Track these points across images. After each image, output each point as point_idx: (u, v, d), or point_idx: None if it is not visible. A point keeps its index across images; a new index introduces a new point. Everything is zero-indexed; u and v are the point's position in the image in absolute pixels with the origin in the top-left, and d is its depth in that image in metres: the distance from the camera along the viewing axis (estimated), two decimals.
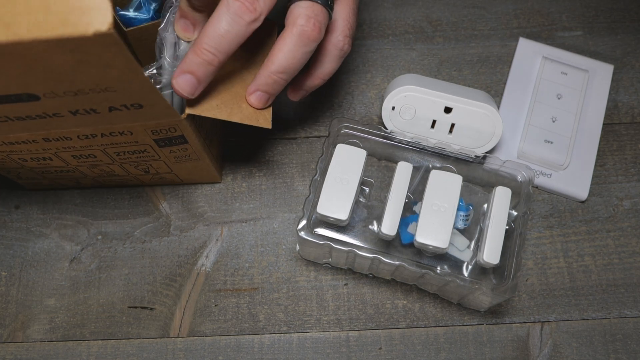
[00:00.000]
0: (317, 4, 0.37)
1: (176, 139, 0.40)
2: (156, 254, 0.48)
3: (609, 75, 0.52)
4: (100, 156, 0.42)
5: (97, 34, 0.24)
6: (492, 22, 0.55)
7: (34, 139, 0.38)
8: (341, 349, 0.45)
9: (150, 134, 0.39)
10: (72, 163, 0.43)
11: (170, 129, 0.39)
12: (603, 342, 0.45)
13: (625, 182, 0.50)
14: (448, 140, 0.47)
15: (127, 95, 0.32)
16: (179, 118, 0.37)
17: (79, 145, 0.40)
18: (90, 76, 0.29)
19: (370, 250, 0.42)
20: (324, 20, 0.38)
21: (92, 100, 0.32)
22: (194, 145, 0.42)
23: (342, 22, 0.41)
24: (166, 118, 0.37)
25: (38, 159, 0.42)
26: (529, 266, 0.47)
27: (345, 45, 0.41)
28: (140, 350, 0.45)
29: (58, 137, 0.38)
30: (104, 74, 0.29)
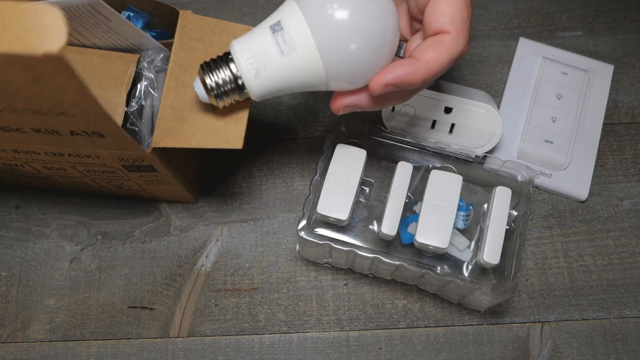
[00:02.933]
0: None
1: (144, 167, 0.39)
2: (156, 254, 0.48)
3: (609, 75, 0.52)
4: (71, 171, 0.41)
5: (47, 54, 0.23)
6: (492, 22, 0.55)
7: (3, 148, 0.38)
8: (341, 349, 0.45)
9: (117, 161, 0.38)
10: (44, 172, 0.43)
11: (137, 159, 0.38)
12: (603, 342, 0.45)
13: (625, 182, 0.50)
14: (448, 140, 0.47)
15: (85, 123, 0.32)
16: (143, 152, 0.36)
17: (47, 159, 0.39)
18: (46, 97, 0.28)
19: (370, 250, 0.42)
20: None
21: (52, 122, 0.31)
22: (164, 174, 0.41)
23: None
24: (131, 150, 0.36)
25: (10, 165, 0.42)
26: (529, 266, 0.47)
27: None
28: (140, 350, 0.45)
29: (26, 150, 0.37)
30: (58, 97, 0.28)
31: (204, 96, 0.35)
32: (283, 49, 0.33)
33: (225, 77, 0.34)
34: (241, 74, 0.34)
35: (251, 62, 0.34)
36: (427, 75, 0.34)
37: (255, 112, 0.52)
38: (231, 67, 0.34)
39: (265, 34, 0.34)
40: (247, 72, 0.34)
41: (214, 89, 0.35)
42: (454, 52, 0.35)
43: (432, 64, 0.34)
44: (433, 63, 0.34)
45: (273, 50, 0.33)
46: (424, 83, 0.35)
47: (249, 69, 0.34)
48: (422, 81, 0.35)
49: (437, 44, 0.34)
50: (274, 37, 0.33)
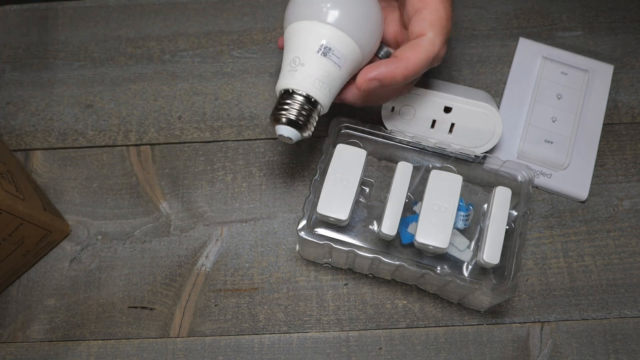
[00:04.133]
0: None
1: None
2: (156, 254, 0.48)
3: (609, 75, 0.52)
4: None
5: None
6: (492, 22, 0.55)
7: None
8: (341, 349, 0.45)
9: None
10: None
11: None
12: (603, 342, 0.45)
13: (625, 182, 0.50)
14: (448, 140, 0.47)
15: None
16: None
17: None
18: None
19: (370, 250, 0.42)
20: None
21: None
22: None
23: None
24: None
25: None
26: (529, 266, 0.47)
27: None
28: (140, 350, 0.45)
29: None
30: None
31: (296, 135, 0.40)
32: (339, 63, 0.40)
33: (300, 104, 0.39)
34: (316, 96, 0.39)
35: (320, 86, 0.39)
36: (406, 72, 0.39)
37: (255, 112, 0.53)
38: (299, 96, 0.39)
39: (319, 61, 0.40)
40: (323, 94, 0.40)
41: (301, 118, 0.39)
42: (431, 52, 0.39)
43: (410, 62, 0.39)
44: (412, 61, 0.39)
45: (333, 69, 0.40)
46: (404, 79, 0.39)
47: (324, 90, 0.40)
48: (403, 77, 0.39)
49: (416, 45, 0.39)
50: (328, 59, 0.40)
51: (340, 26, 0.39)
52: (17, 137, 0.52)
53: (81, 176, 0.51)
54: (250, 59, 0.55)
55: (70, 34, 0.56)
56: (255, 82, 0.54)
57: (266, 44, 0.55)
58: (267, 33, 0.55)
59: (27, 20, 0.57)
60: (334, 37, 0.39)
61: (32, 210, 0.43)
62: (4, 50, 0.55)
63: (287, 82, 0.40)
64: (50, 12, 0.57)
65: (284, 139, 0.40)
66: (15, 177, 0.45)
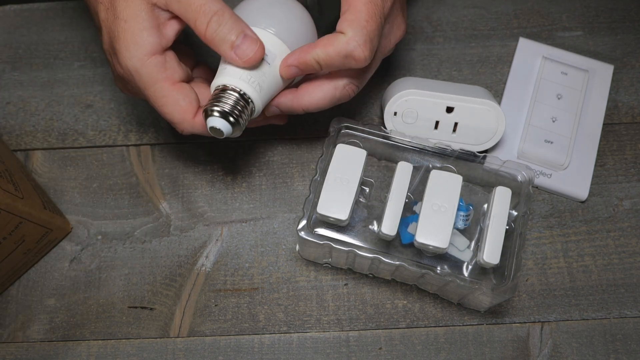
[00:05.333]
0: None
1: None
2: (156, 254, 0.48)
3: (609, 75, 0.52)
4: None
5: None
6: (492, 22, 0.55)
7: None
8: (341, 349, 0.45)
9: None
10: None
11: None
12: (603, 342, 0.45)
13: (625, 182, 0.50)
14: (452, 139, 0.47)
15: None
16: None
17: None
18: None
19: (370, 250, 0.42)
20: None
21: None
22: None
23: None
24: None
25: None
26: (529, 266, 0.47)
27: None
28: (140, 350, 0.45)
29: None
30: None
31: (227, 128, 0.39)
32: (267, 60, 0.41)
33: (235, 100, 0.39)
34: (248, 91, 0.40)
35: (253, 81, 0.40)
36: (319, 56, 0.40)
37: None
38: (232, 92, 0.39)
39: None
40: (253, 89, 0.40)
41: (235, 113, 0.39)
42: (342, 50, 0.39)
43: (322, 51, 0.40)
44: (324, 48, 0.40)
45: (262, 66, 0.40)
46: (317, 64, 0.40)
47: (255, 86, 0.40)
48: (316, 62, 0.40)
49: (329, 39, 0.40)
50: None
51: (266, 26, 0.41)
52: (17, 137, 0.52)
53: (81, 176, 0.51)
54: None
55: (70, 34, 0.56)
56: None
57: None
58: None
59: (27, 20, 0.57)
60: (260, 36, 0.40)
61: (31, 208, 0.43)
62: (4, 50, 0.55)
63: (219, 79, 0.40)
64: (50, 12, 0.57)
65: (215, 131, 0.40)
66: (14, 176, 0.45)
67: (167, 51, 0.40)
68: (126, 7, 0.38)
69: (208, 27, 0.38)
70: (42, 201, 0.46)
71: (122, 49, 0.39)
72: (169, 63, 0.40)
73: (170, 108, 0.40)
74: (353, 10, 0.39)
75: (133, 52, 0.38)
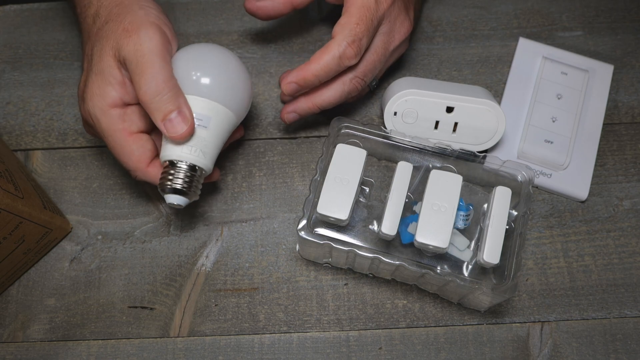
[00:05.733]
0: None
1: None
2: (156, 254, 0.48)
3: (609, 75, 0.52)
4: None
5: None
6: (492, 22, 0.55)
7: None
8: (341, 349, 0.45)
9: None
10: None
11: None
12: (603, 342, 0.45)
13: (625, 182, 0.50)
14: (452, 139, 0.47)
15: None
16: None
17: None
18: None
19: (370, 250, 0.42)
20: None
21: None
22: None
23: None
24: None
25: None
26: (529, 266, 0.47)
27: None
28: (140, 350, 0.45)
29: None
30: None
31: (184, 201, 0.42)
32: (202, 124, 0.42)
33: (184, 173, 0.41)
34: (193, 161, 0.41)
35: (195, 150, 0.41)
36: (315, 71, 0.44)
37: (255, 113, 0.53)
38: (180, 166, 0.41)
39: None
40: (197, 157, 0.42)
41: (185, 186, 0.41)
42: (336, 52, 0.43)
43: (319, 63, 0.44)
44: (320, 62, 0.44)
45: (199, 131, 0.42)
46: (315, 77, 0.44)
47: (197, 154, 0.42)
48: (313, 76, 0.44)
49: (325, 47, 0.44)
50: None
51: (191, 92, 0.42)
52: (17, 137, 0.52)
53: (81, 176, 0.51)
54: (250, 59, 0.55)
55: (70, 34, 0.56)
56: (255, 82, 0.54)
57: (266, 44, 0.55)
58: (267, 33, 0.56)
59: (27, 20, 0.57)
60: (193, 103, 0.41)
61: (31, 208, 0.43)
62: (4, 50, 0.55)
63: (164, 153, 0.42)
64: (50, 12, 0.57)
65: (174, 206, 0.42)
66: (14, 176, 0.45)
67: (131, 106, 0.43)
68: (99, 62, 0.41)
69: (146, 93, 0.40)
70: (42, 201, 0.46)
71: (88, 97, 0.42)
72: (128, 116, 0.42)
73: (126, 157, 0.42)
74: (346, 15, 0.44)
75: (96, 102, 0.41)
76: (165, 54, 0.41)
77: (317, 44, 0.55)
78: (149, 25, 0.41)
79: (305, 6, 0.49)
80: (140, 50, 0.40)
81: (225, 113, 0.43)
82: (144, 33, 0.40)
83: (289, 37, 0.55)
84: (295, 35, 0.55)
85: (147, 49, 0.40)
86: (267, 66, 0.54)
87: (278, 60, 0.54)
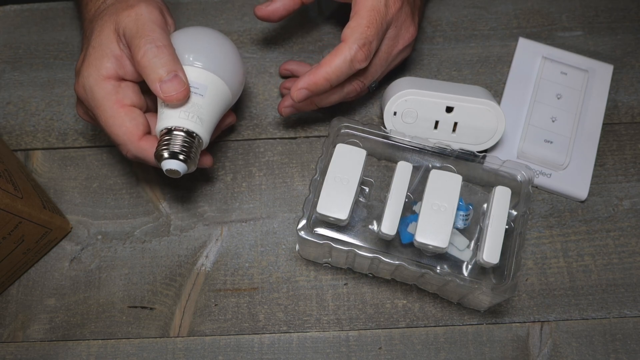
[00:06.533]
0: None
1: None
2: (156, 254, 0.48)
3: (609, 75, 0.52)
4: None
5: None
6: (492, 22, 0.55)
7: None
8: (341, 349, 0.45)
9: None
10: None
11: None
12: (603, 341, 0.45)
13: (625, 182, 0.50)
14: (452, 139, 0.47)
15: None
16: None
17: None
18: None
19: (370, 250, 0.42)
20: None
21: None
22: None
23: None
24: None
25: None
26: (529, 266, 0.47)
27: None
28: (140, 350, 0.45)
29: None
30: None
31: (182, 167, 0.41)
32: (199, 92, 0.42)
33: (182, 139, 0.41)
34: (191, 127, 0.41)
35: (192, 117, 0.41)
36: (327, 76, 0.44)
37: (255, 112, 0.53)
38: (178, 132, 0.41)
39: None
40: (195, 124, 0.41)
41: (184, 151, 0.40)
42: (348, 55, 0.43)
43: (330, 67, 0.43)
44: (331, 66, 0.43)
45: (195, 98, 0.42)
46: (327, 82, 0.44)
47: (195, 120, 0.41)
48: (325, 81, 0.44)
49: (335, 51, 0.43)
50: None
51: (188, 63, 0.42)
52: (17, 137, 0.52)
53: (81, 176, 0.51)
54: (250, 59, 0.55)
55: (70, 34, 0.56)
56: (255, 82, 0.54)
57: (266, 44, 0.55)
58: (267, 33, 0.56)
59: (27, 20, 0.57)
60: (189, 71, 0.42)
61: (31, 208, 0.43)
62: (4, 50, 0.56)
63: (161, 123, 0.41)
64: (50, 12, 0.57)
65: (172, 172, 0.41)
66: (14, 176, 0.45)
67: (126, 81, 0.43)
68: (98, 36, 0.42)
69: (145, 54, 0.40)
70: (41, 201, 0.46)
71: (84, 70, 0.42)
72: (122, 89, 0.42)
73: (117, 128, 0.42)
74: (356, 17, 0.44)
75: (91, 72, 0.41)
76: (164, 26, 0.42)
77: (317, 44, 0.55)
78: (150, 2, 0.42)
79: (313, 1, 0.49)
80: (141, 19, 0.41)
81: (221, 85, 0.43)
82: (144, 7, 0.41)
83: (289, 37, 0.55)
84: (295, 35, 0.55)
85: (147, 18, 0.41)
86: (267, 66, 0.54)
87: (278, 60, 0.54)
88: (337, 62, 0.43)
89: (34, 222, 0.44)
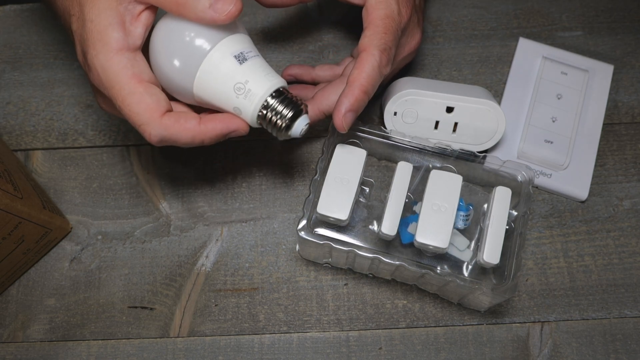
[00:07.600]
0: None
1: None
2: (156, 254, 0.48)
3: (609, 75, 0.52)
4: None
5: None
6: (492, 22, 0.55)
7: None
8: (341, 349, 0.45)
9: None
10: None
11: None
12: (603, 342, 0.45)
13: (625, 182, 0.50)
14: (452, 139, 0.47)
15: None
16: None
17: None
18: None
19: (370, 250, 0.42)
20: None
21: None
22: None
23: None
24: None
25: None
26: (529, 266, 0.47)
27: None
28: (140, 350, 0.45)
29: None
30: None
31: (307, 119, 0.40)
32: (255, 54, 0.40)
33: (287, 94, 0.39)
34: (282, 84, 0.39)
35: (271, 75, 0.39)
36: (362, 88, 0.41)
37: None
38: (283, 90, 0.39)
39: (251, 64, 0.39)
40: (274, 76, 0.39)
41: (300, 101, 0.39)
42: (374, 62, 0.41)
43: (360, 79, 0.41)
44: (360, 77, 0.41)
45: (256, 60, 0.39)
46: (367, 95, 0.42)
47: (274, 75, 0.39)
48: (365, 94, 0.42)
49: (359, 63, 0.42)
50: (249, 60, 0.39)
51: (219, 39, 0.38)
52: (17, 137, 0.52)
53: (81, 176, 0.51)
54: None
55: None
56: None
57: (266, 44, 0.55)
58: (267, 33, 0.56)
59: (27, 20, 0.57)
60: (230, 46, 0.39)
61: (30, 208, 0.43)
62: (4, 50, 0.55)
63: (259, 90, 0.39)
64: (50, 12, 0.57)
65: (303, 132, 0.39)
66: (13, 176, 0.45)
67: (138, 51, 0.38)
68: (92, 8, 0.36)
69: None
70: (41, 201, 0.46)
71: (90, 48, 0.36)
72: (137, 62, 0.37)
73: (136, 106, 0.36)
74: (371, 27, 0.42)
75: (99, 49, 0.36)
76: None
77: (317, 44, 0.55)
78: None
79: (312, 0, 0.48)
80: None
81: (249, 41, 0.41)
82: None
83: (289, 37, 0.55)
84: (295, 35, 0.55)
85: None
86: None
87: (278, 60, 0.54)
88: (368, 71, 0.41)
89: (33, 222, 0.44)
